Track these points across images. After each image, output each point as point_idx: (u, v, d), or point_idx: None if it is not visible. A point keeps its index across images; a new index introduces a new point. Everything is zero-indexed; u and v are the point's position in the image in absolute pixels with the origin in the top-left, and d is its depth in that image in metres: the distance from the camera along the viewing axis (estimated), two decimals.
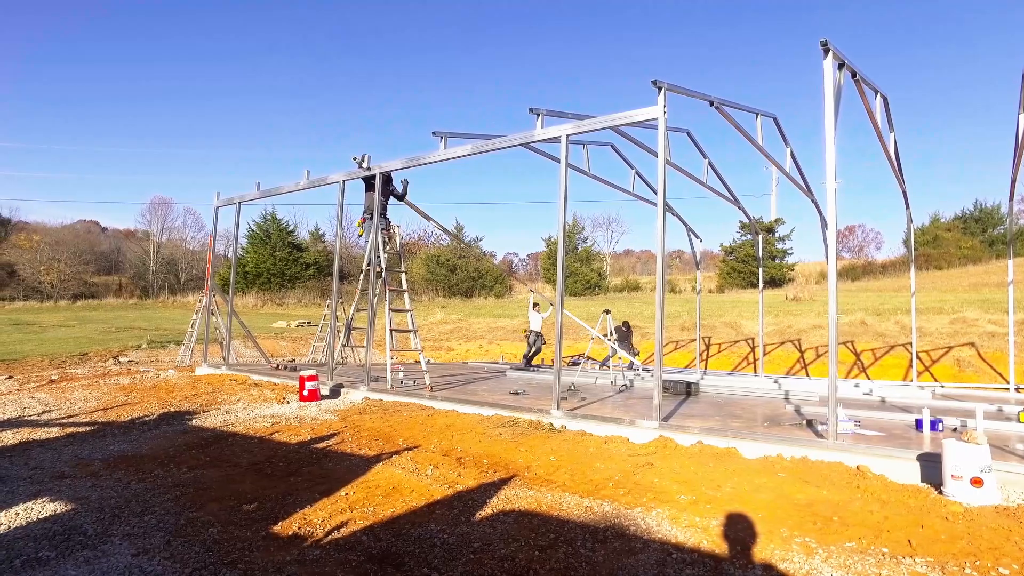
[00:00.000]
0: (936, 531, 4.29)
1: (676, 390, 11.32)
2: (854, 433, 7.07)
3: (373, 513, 4.68)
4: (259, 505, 4.83)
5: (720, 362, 19.40)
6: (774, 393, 11.43)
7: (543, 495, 5.13)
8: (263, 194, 13.48)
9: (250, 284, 50.90)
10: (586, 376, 13.58)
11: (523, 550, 3.98)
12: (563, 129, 8.66)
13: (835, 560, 3.81)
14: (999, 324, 17.71)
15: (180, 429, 7.82)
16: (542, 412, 8.51)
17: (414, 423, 8.22)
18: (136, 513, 4.69)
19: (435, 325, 30.17)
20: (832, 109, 6.30)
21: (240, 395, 10.36)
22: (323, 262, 56.56)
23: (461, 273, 53.92)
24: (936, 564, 3.77)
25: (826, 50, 6.30)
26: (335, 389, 10.84)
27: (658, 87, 7.50)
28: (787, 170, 10.73)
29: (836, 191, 6.23)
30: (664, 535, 4.23)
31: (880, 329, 19.30)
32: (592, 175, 11.67)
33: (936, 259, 43.11)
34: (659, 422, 7.40)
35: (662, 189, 7.61)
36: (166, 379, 12.44)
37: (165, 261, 59.76)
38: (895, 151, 9.96)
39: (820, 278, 44.17)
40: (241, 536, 4.23)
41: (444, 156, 10.12)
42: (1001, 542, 4.13)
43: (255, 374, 12.93)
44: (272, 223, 56.08)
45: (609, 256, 68.35)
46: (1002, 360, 14.38)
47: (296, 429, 7.77)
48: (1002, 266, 37.11)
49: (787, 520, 4.47)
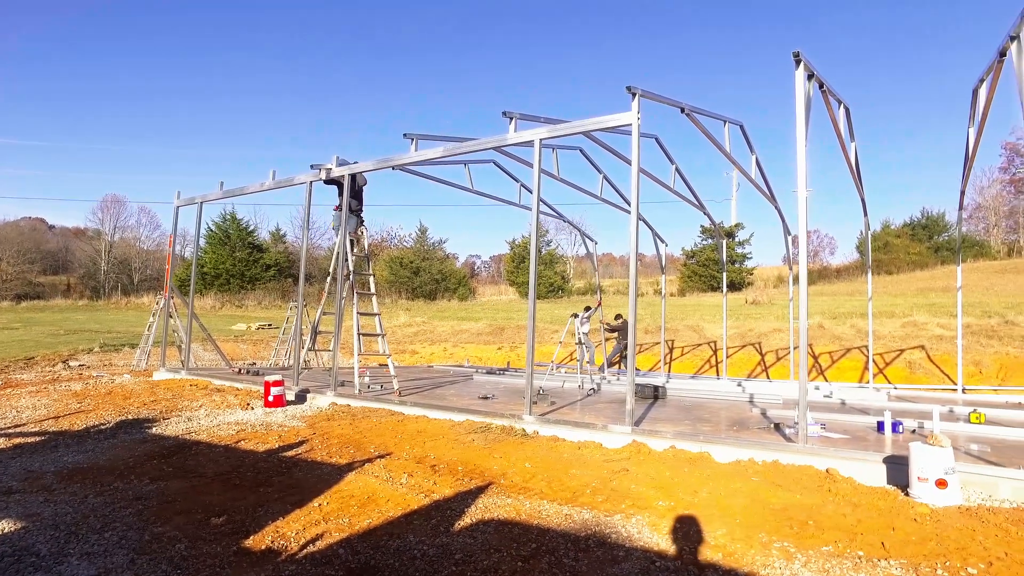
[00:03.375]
0: (907, 533, 4.40)
1: (644, 394, 11.42)
2: (821, 436, 7.23)
3: (349, 524, 4.55)
4: (229, 518, 4.65)
5: (683, 365, 19.69)
6: (739, 396, 11.63)
7: (521, 503, 5.08)
8: (227, 194, 13.09)
9: (208, 285, 49.58)
10: (554, 380, 13.60)
11: (506, 561, 3.92)
12: (537, 133, 8.63)
13: (814, 564, 3.87)
14: (947, 328, 18.44)
15: (139, 438, 7.50)
16: (514, 417, 8.46)
17: (384, 429, 8.08)
18: (95, 529, 4.45)
19: (399, 328, 29.82)
20: (803, 118, 6.44)
21: (202, 401, 10.01)
22: (284, 263, 55.46)
23: (424, 275, 53.58)
24: (910, 566, 3.86)
25: (797, 61, 6.43)
26: (301, 394, 10.58)
27: (632, 93, 7.54)
28: (752, 177, 10.95)
29: (807, 199, 6.37)
30: (646, 543, 4.23)
31: (836, 332, 19.87)
32: (561, 179, 11.70)
33: (887, 264, 44.71)
34: (632, 427, 7.44)
35: (635, 197, 7.65)
36: (122, 384, 11.95)
37: (118, 261, 57.70)
38: (855, 160, 10.26)
39: (779, 282, 45.34)
40: (211, 552, 4.05)
41: (415, 158, 10.00)
42: (967, 542, 4.25)
43: (216, 379, 12.54)
44: (232, 223, 54.76)
45: (572, 259, 68.79)
46: (950, 362, 14.97)
47: (263, 437, 7.54)
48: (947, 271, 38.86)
49: (764, 525, 4.52)
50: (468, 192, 12.41)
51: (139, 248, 60.47)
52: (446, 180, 12.53)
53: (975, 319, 18.69)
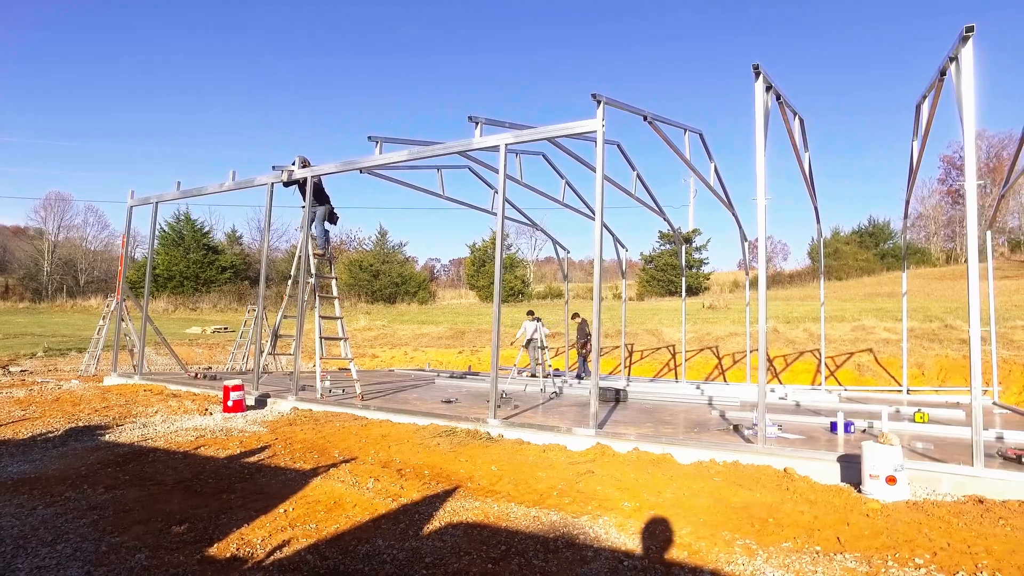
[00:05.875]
0: (860, 528, 4.59)
1: (606, 397, 11.57)
2: (778, 437, 7.47)
3: (316, 530, 4.49)
4: (191, 526, 4.53)
5: (643, 368, 20.01)
6: (698, 399, 11.91)
7: (489, 506, 5.11)
8: (184, 194, 12.75)
9: (161, 288, 47.95)
10: (516, 383, 13.66)
11: (476, 563, 3.94)
12: (502, 138, 8.69)
13: (775, 560, 4.01)
14: (893, 331, 19.25)
15: (91, 445, 7.23)
16: (479, 421, 8.48)
17: (348, 434, 7.99)
18: (46, 542, 4.26)
19: (359, 331, 29.47)
20: (762, 129, 6.66)
21: (157, 406, 9.70)
22: (241, 265, 54.09)
23: (384, 279, 53.03)
24: (864, 559, 4.04)
25: (757, 73, 6.65)
26: (261, 399, 10.37)
27: (597, 100, 7.66)
28: (711, 184, 11.24)
29: (765, 207, 6.59)
30: (613, 543, 4.31)
31: (790, 336, 20.52)
32: (524, 184, 11.80)
33: (836, 270, 46.37)
34: (596, 430, 7.54)
35: (600, 203, 7.77)
36: (70, 390, 11.49)
37: (62, 262, 55.25)
38: (809, 169, 10.64)
39: (735, 287, 46.49)
40: (173, 561, 3.95)
41: (380, 161, 9.94)
42: (914, 535, 4.47)
43: (172, 384, 12.18)
44: (186, 224, 53.14)
45: (533, 263, 69.13)
46: (896, 364, 15.64)
47: (223, 442, 7.36)
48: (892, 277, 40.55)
49: (727, 524, 4.66)
50: (439, 197, 12.35)
51: (86, 248, 58.06)
52: (415, 185, 12.48)
53: (918, 323, 19.55)
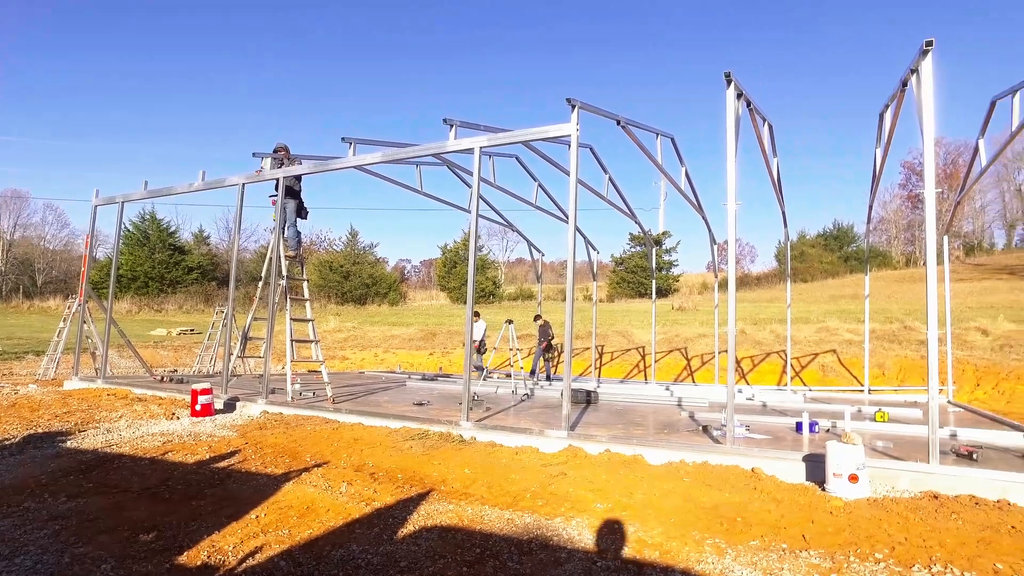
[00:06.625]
0: (824, 525, 4.74)
1: (577, 399, 11.67)
2: (746, 437, 7.64)
3: (289, 536, 4.46)
4: (159, 534, 4.45)
5: (613, 370, 20.20)
6: (668, 400, 12.09)
7: (463, 509, 5.12)
8: (151, 194, 12.46)
9: (124, 288, 46.77)
10: (487, 386, 13.68)
11: (451, 566, 3.96)
12: (477, 141, 8.71)
13: (743, 558, 4.11)
14: (855, 333, 19.78)
15: (52, 452, 7.02)
16: (451, 423, 8.48)
17: (320, 438, 7.92)
18: (4, 556, 4.09)
19: (329, 333, 29.15)
20: (733, 135, 6.81)
21: (122, 411, 9.47)
22: (208, 266, 53.10)
23: (355, 280, 52.58)
24: (827, 555, 4.17)
25: (728, 80, 6.80)
26: (230, 403, 10.21)
27: (572, 105, 7.73)
28: (682, 187, 11.42)
29: (736, 212, 6.74)
30: (587, 544, 4.36)
31: (757, 338, 20.93)
32: (498, 186, 11.82)
33: (802, 272, 47.42)
34: (568, 432, 7.61)
35: (574, 207, 7.84)
36: (27, 395, 11.13)
37: (18, 261, 53.51)
38: (777, 174, 10.90)
39: (703, 289, 47.21)
40: (142, 571, 3.88)
41: (353, 163, 9.87)
42: (875, 531, 4.63)
43: (136, 387, 11.90)
44: (151, 223, 51.96)
45: (504, 265, 69.26)
46: (857, 365, 16.09)
47: (192, 447, 7.23)
48: (855, 280, 41.67)
49: (697, 523, 4.76)
50: (418, 193, 12.22)
51: (43, 248, 56.33)
52: (394, 179, 12.30)
53: (879, 324, 20.13)
